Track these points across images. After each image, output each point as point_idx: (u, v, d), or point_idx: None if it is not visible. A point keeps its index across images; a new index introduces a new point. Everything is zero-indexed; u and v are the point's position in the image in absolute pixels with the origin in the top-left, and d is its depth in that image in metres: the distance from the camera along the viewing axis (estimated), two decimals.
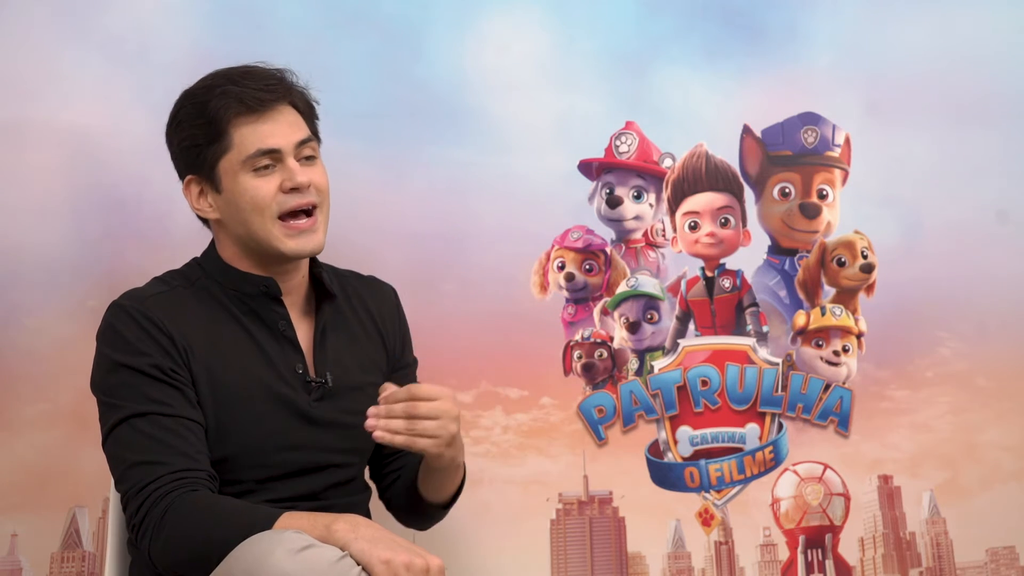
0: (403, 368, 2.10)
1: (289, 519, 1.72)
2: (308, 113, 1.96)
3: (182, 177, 1.95)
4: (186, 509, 1.76)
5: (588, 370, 2.54)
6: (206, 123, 1.89)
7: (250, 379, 1.90)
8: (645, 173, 2.57)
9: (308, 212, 1.91)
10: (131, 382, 1.84)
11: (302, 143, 1.92)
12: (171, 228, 2.43)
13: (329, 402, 1.95)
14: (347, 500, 1.98)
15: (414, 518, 2.09)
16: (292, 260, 1.94)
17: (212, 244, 1.99)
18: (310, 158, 1.94)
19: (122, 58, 2.47)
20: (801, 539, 2.54)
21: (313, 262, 2.00)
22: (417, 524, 2.10)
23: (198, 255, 2.00)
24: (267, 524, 1.71)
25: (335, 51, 2.48)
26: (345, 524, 1.71)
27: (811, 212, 2.57)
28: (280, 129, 1.91)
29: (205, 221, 1.99)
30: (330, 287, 2.00)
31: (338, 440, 1.95)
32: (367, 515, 2.06)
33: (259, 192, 1.89)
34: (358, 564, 1.67)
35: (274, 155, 1.90)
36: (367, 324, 2.06)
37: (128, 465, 1.81)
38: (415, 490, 2.02)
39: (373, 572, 1.67)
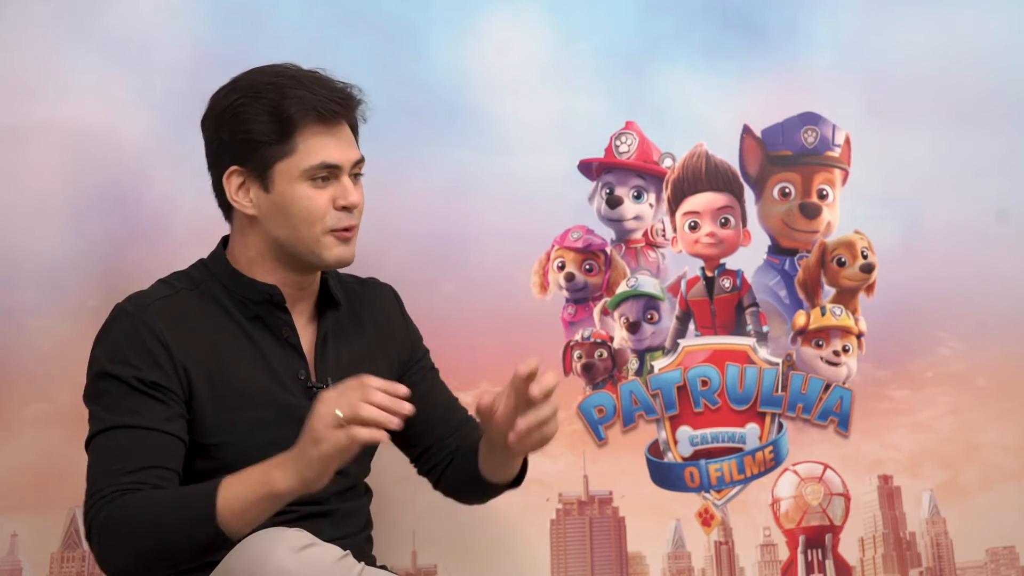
0: (417, 362, 2.11)
1: (227, 489, 1.70)
2: (356, 131, 1.97)
3: (222, 166, 1.92)
4: (123, 508, 1.74)
5: (588, 370, 2.54)
6: (275, 122, 1.88)
7: (252, 386, 1.89)
8: (645, 173, 2.57)
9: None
10: (113, 391, 1.83)
11: (357, 163, 1.94)
12: (171, 228, 2.43)
13: None
14: (349, 504, 1.98)
15: (476, 496, 2.09)
16: (326, 268, 1.95)
17: (220, 246, 1.98)
18: (358, 176, 1.95)
19: (122, 58, 2.47)
20: (801, 539, 2.54)
21: None
22: (479, 500, 2.11)
23: (201, 255, 2.00)
24: (206, 500, 1.69)
25: (335, 51, 2.48)
26: (280, 472, 1.69)
27: (811, 212, 2.57)
28: (343, 146, 1.92)
29: (227, 212, 1.97)
30: (336, 295, 2.00)
31: None
32: (369, 520, 2.07)
33: (314, 203, 1.89)
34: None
35: (333, 170, 1.90)
36: (368, 330, 2.05)
37: (90, 475, 1.82)
38: (479, 475, 2.01)
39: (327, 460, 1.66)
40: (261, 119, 1.88)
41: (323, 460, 1.66)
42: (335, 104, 1.90)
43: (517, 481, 2.04)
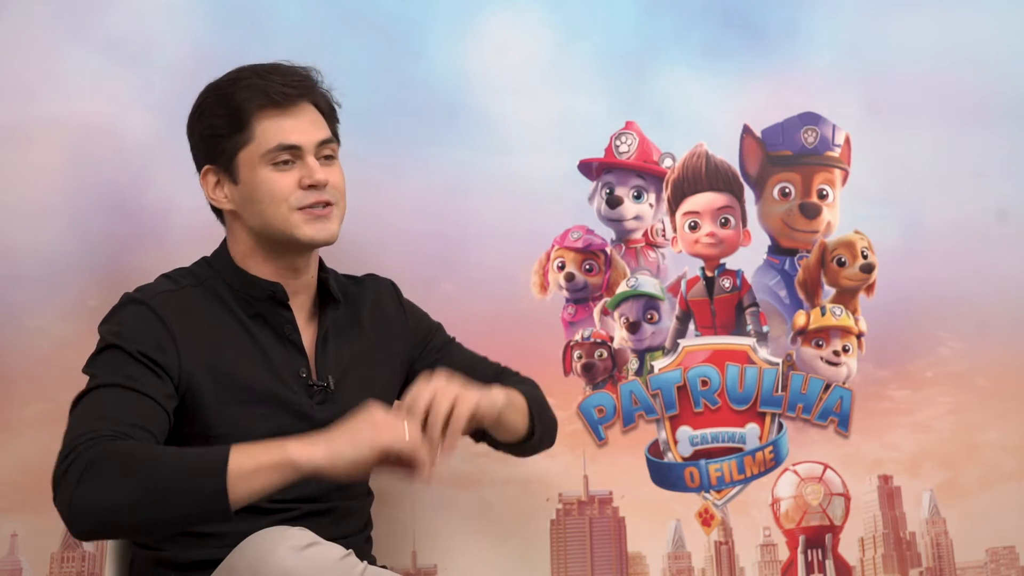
0: (427, 346, 2.14)
1: (239, 450, 1.66)
2: (330, 115, 1.98)
3: (200, 167, 1.96)
4: (123, 446, 1.69)
5: (588, 370, 2.54)
6: (229, 113, 1.90)
7: (253, 382, 1.90)
8: (645, 173, 2.57)
9: (324, 205, 1.92)
10: (116, 358, 1.82)
11: (323, 143, 1.94)
12: (171, 228, 2.43)
13: (331, 404, 1.95)
14: (351, 503, 1.98)
15: (521, 453, 2.15)
16: (306, 249, 1.94)
17: (223, 243, 2.00)
18: (329, 158, 1.95)
19: (122, 58, 2.47)
20: (801, 539, 2.54)
21: (320, 267, 2.01)
22: (525, 455, 2.16)
23: (200, 255, 2.01)
24: (217, 453, 1.65)
25: (335, 51, 2.48)
26: (298, 443, 1.68)
27: (811, 212, 2.57)
28: (302, 126, 1.92)
29: (218, 215, 1.99)
30: (335, 293, 2.00)
31: None
32: (369, 520, 2.07)
33: (277, 185, 1.90)
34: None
35: (294, 151, 1.91)
36: (368, 329, 2.06)
37: (79, 419, 1.76)
38: (494, 440, 2.07)
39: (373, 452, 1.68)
40: (219, 113, 1.92)
41: (362, 444, 1.69)
42: (287, 87, 1.91)
43: (530, 436, 2.09)
